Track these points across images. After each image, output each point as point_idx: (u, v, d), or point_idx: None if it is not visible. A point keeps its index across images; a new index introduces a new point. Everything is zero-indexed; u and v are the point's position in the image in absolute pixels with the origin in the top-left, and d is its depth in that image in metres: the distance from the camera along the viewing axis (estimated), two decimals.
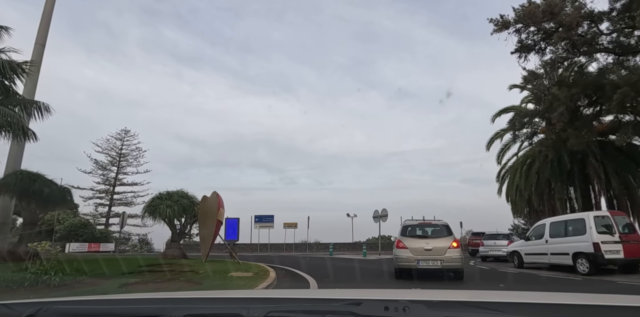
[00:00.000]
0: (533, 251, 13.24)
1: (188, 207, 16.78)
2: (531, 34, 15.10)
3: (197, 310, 1.26)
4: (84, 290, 7.38)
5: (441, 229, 9.86)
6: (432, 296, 1.33)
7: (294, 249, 35.83)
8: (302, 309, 1.19)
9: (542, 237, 12.82)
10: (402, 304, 1.07)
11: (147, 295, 1.77)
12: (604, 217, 11.21)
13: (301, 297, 1.46)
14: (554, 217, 13.49)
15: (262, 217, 35.97)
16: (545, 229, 12.75)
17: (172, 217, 16.38)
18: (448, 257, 8.98)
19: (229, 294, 1.93)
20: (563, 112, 13.58)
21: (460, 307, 1.17)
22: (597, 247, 10.63)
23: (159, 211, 16.08)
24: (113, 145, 49.95)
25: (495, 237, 18.92)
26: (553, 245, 12.21)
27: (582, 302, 1.20)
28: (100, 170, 49.64)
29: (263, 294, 1.83)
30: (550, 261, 12.39)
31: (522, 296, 1.40)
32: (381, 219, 26.67)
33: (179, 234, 17.50)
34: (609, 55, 14.54)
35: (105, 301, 1.54)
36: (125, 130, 50.51)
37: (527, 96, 23.74)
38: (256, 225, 36.02)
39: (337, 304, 1.17)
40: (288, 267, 13.62)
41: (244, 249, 36.02)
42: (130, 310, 1.29)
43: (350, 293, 1.63)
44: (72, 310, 1.31)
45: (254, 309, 1.12)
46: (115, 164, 50.42)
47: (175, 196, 16.87)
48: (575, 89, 13.76)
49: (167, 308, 1.22)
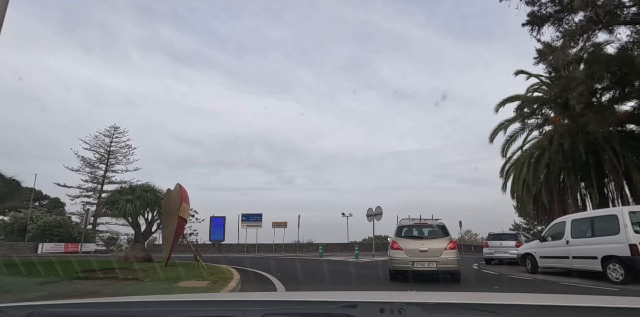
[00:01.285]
0: (550, 254, 11.24)
1: (153, 202, 14.69)
2: (544, 6, 13.10)
3: (192, 313, 1.30)
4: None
5: (437, 229, 9.57)
6: (427, 298, 1.31)
7: (283, 249, 33.73)
8: (297, 312, 1.20)
9: (561, 237, 10.81)
10: (397, 306, 1.07)
11: (141, 298, 1.67)
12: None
13: (297, 300, 1.42)
14: (576, 214, 11.46)
15: (250, 216, 33.87)
16: (566, 227, 10.74)
17: (134, 213, 14.26)
18: (444, 259, 8.65)
19: (225, 296, 1.93)
20: (583, 92, 11.63)
21: (455, 310, 1.18)
22: (634, 250, 8.61)
23: (118, 206, 13.98)
24: (102, 143, 47.87)
25: (501, 237, 16.91)
26: (576, 247, 10.21)
27: (578, 304, 1.21)
28: (88, 168, 47.64)
29: (258, 297, 1.64)
30: (572, 265, 10.38)
31: (517, 297, 1.42)
32: (375, 218, 24.58)
33: (144, 234, 15.38)
34: (634, 27, 12.54)
35: (98, 304, 1.51)
36: (114, 127, 48.46)
37: (533, 84, 21.78)
38: (243, 224, 33.93)
39: (332, 306, 1.20)
40: (262, 272, 11.57)
41: (230, 249, 33.91)
42: (125, 313, 1.31)
43: (346, 295, 1.55)
44: (64, 313, 1.32)
45: (249, 311, 1.13)
46: (103, 162, 48.48)
47: (139, 189, 14.77)
48: (598, 66, 11.80)
49: (162, 311, 1.28)
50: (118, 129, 48.35)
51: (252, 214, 34.00)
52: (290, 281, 9.61)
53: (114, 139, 48.58)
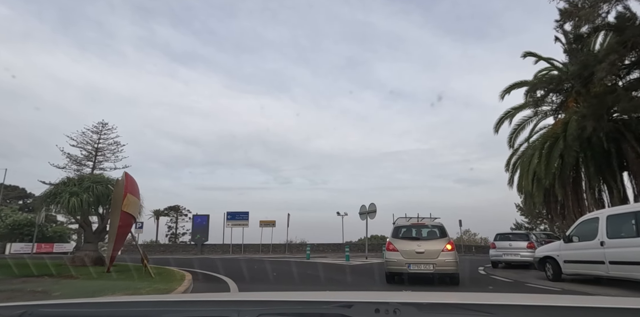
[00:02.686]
0: (578, 258, 9.16)
1: (105, 196, 12.50)
2: None
3: (187, 313, 1.27)
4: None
5: (435, 230, 9.24)
6: (422, 298, 1.27)
7: (271, 250, 31.54)
8: (292, 312, 1.19)
9: (593, 237, 8.72)
10: (392, 306, 1.06)
11: (135, 298, 1.73)
12: None
13: (292, 300, 1.39)
14: (613, 208, 9.38)
15: (236, 214, 31.65)
16: (600, 225, 8.64)
17: (80, 209, 12.04)
18: (441, 261, 8.29)
19: (219, 296, 1.69)
20: (614, 61, 9.57)
21: (450, 310, 1.17)
22: None
23: (60, 200, 11.78)
24: (89, 139, 45.46)
25: (510, 237, 14.83)
26: (614, 249, 8.12)
27: (573, 304, 1.21)
28: (75, 165, 45.32)
29: (254, 297, 1.57)
30: (608, 272, 8.29)
31: (513, 298, 1.44)
32: (369, 216, 22.46)
33: (96, 233, 13.17)
34: None
35: (92, 304, 1.47)
36: (102, 123, 45.98)
37: (542, 69, 19.70)
38: (228, 223, 31.71)
39: (327, 306, 1.18)
40: (227, 279, 9.42)
41: (214, 250, 31.71)
42: (118, 313, 1.30)
43: (341, 295, 1.53)
44: (57, 313, 1.30)
45: (244, 311, 1.12)
46: (91, 159, 46.20)
47: (87, 181, 12.57)
48: (632, 30, 9.71)
49: (156, 311, 1.24)
50: (106, 125, 45.81)
51: (238, 212, 31.79)
52: (253, 288, 7.51)
53: (102, 136, 46.31)
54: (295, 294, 1.67)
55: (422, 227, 9.64)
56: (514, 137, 18.76)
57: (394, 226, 9.74)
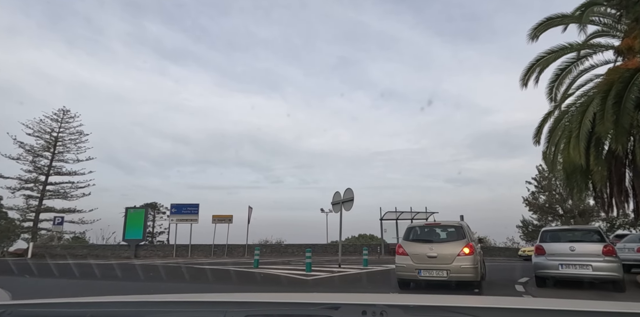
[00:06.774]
0: None
1: None
2: None
3: (173, 313, 1.26)
4: None
5: (452, 230, 8.24)
6: (409, 301, 1.30)
7: (226, 253, 25.08)
8: (279, 313, 1.20)
9: None
10: (379, 308, 1.06)
11: (120, 298, 1.55)
12: None
13: (279, 301, 1.38)
14: None
15: (182, 207, 25.15)
16: None
17: None
18: (456, 267, 7.37)
19: (206, 297, 1.58)
20: None
21: (437, 312, 1.17)
22: None
23: None
24: (48, 127, 38.66)
25: (571, 236, 8.78)
26: None
27: (563, 307, 1.17)
28: (30, 156, 38.52)
29: (241, 298, 1.51)
30: None
31: (499, 301, 1.42)
32: (343, 206, 16.16)
33: None
34: None
35: (75, 304, 1.42)
36: (63, 110, 39.29)
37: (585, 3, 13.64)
38: (172, 218, 25.23)
39: (314, 308, 1.17)
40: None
41: (154, 252, 25.19)
42: (102, 313, 1.27)
43: (329, 297, 1.45)
44: (38, 313, 1.27)
45: (231, 312, 1.12)
46: (49, 150, 39.45)
47: None
48: None
49: (141, 312, 1.23)
50: (68, 112, 39.16)
51: (184, 204, 25.29)
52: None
53: (63, 124, 39.66)
54: (282, 295, 1.55)
55: (439, 227, 8.81)
56: (557, 85, 12.61)
57: (407, 226, 9.08)
